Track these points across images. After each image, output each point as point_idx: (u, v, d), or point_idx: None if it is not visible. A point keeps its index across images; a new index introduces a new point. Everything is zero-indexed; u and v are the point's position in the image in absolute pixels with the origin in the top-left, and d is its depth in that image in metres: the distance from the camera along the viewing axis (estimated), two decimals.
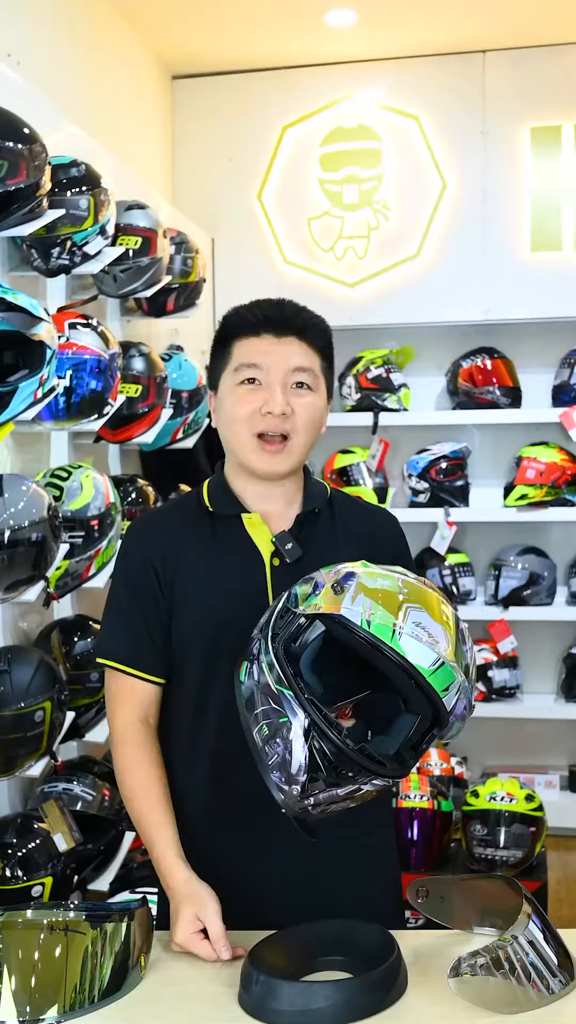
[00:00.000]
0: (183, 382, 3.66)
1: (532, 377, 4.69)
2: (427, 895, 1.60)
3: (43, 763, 2.56)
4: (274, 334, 1.70)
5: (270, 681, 1.39)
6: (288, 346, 1.70)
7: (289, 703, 1.37)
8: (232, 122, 4.85)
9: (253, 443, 1.69)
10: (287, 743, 1.37)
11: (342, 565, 1.47)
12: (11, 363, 2.39)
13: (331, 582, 1.42)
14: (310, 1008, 1.33)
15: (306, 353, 1.71)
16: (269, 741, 1.38)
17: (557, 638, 4.79)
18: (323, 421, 1.76)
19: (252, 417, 1.68)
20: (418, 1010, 1.37)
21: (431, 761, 4.07)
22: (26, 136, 2.44)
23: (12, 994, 1.36)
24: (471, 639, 1.49)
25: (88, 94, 3.83)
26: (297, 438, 1.69)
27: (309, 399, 1.70)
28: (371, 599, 1.39)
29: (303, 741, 1.36)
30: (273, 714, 1.38)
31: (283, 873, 1.68)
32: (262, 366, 1.68)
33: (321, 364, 1.74)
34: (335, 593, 1.39)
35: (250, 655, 1.46)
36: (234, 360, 1.71)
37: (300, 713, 1.37)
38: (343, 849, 1.70)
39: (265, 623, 1.47)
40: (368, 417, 4.69)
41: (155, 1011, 1.40)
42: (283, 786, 1.38)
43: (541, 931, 1.41)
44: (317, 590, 1.42)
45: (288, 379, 1.68)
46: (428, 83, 4.71)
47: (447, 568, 4.67)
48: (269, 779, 1.39)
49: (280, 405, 1.66)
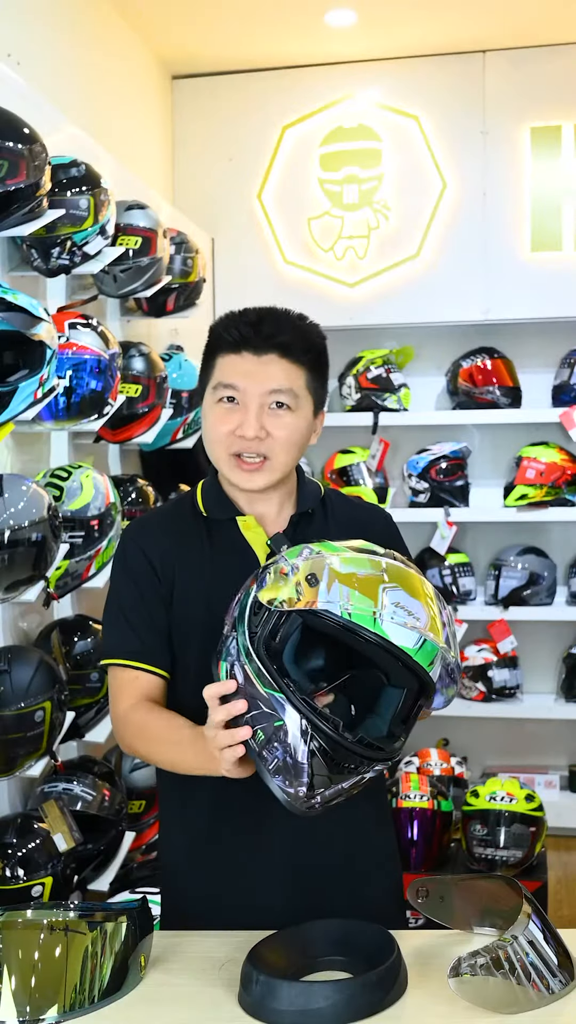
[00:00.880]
0: (183, 382, 3.66)
1: (532, 377, 4.69)
2: (427, 895, 1.60)
3: (43, 763, 2.56)
4: (254, 352, 1.67)
5: (258, 685, 1.37)
6: (267, 366, 1.67)
7: (281, 705, 1.35)
8: (232, 122, 4.85)
9: (231, 462, 1.68)
10: (285, 746, 1.35)
11: (305, 548, 1.43)
12: (11, 363, 2.39)
13: (305, 575, 1.37)
14: (310, 1008, 1.33)
15: (287, 372, 1.67)
16: (266, 746, 1.36)
17: (557, 638, 4.80)
18: (306, 437, 1.73)
19: (228, 438, 1.67)
20: (418, 1010, 1.37)
21: (431, 761, 4.07)
22: (26, 136, 2.44)
23: (12, 994, 1.36)
24: (441, 601, 1.46)
25: (88, 94, 3.83)
26: (276, 458, 1.67)
27: (287, 419, 1.67)
28: (347, 586, 1.35)
29: (303, 743, 1.35)
30: (265, 718, 1.36)
31: (286, 873, 1.68)
32: (239, 387, 1.66)
33: (306, 379, 1.70)
34: (310, 585, 1.36)
35: (227, 655, 1.42)
36: (215, 377, 1.70)
37: (295, 715, 1.35)
38: (345, 850, 1.70)
39: (238, 618, 1.43)
40: (368, 417, 4.69)
41: (155, 1011, 1.40)
42: (288, 789, 1.37)
43: (541, 931, 1.41)
44: (287, 581, 1.38)
45: (265, 400, 1.66)
46: (428, 83, 4.71)
47: (447, 568, 4.67)
48: (272, 783, 1.38)
49: (253, 429, 1.65)
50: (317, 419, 1.75)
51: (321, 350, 1.74)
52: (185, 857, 1.75)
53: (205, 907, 1.71)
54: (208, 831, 1.70)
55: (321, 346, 1.74)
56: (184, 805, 1.71)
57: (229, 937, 1.58)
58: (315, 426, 1.75)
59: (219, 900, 1.69)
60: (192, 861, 1.73)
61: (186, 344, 3.96)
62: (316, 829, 1.67)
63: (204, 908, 1.71)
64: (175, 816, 1.77)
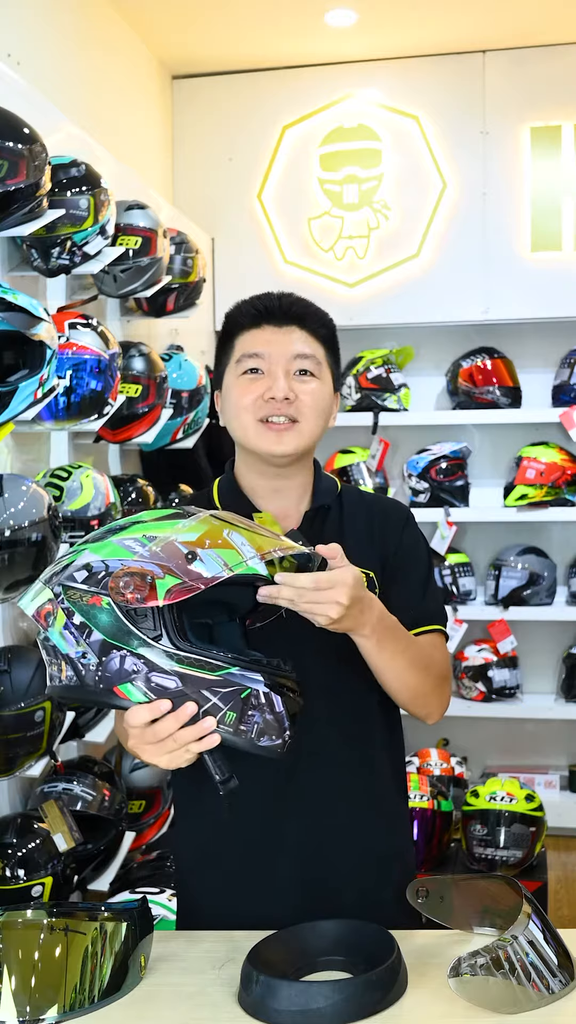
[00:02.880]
0: (183, 382, 3.66)
1: (532, 377, 4.70)
2: (427, 895, 1.60)
3: (43, 763, 2.56)
4: (275, 324, 1.70)
5: (204, 675, 1.34)
6: (289, 334, 1.70)
7: (241, 676, 1.36)
8: (232, 122, 4.86)
9: (258, 427, 1.67)
10: (262, 708, 1.36)
11: (126, 537, 1.37)
12: (11, 363, 2.39)
13: (173, 564, 1.32)
14: (310, 1008, 1.33)
15: (308, 341, 1.71)
16: (243, 719, 1.36)
17: (557, 638, 4.80)
18: (331, 410, 1.75)
19: (256, 403, 1.67)
20: (418, 1010, 1.37)
21: (431, 761, 4.07)
22: (26, 136, 2.44)
23: (12, 994, 1.36)
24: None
25: (88, 94, 3.83)
26: (305, 422, 1.68)
27: (313, 385, 1.69)
28: (213, 549, 1.33)
29: (274, 695, 1.37)
30: (229, 697, 1.35)
31: (296, 875, 1.67)
32: (264, 355, 1.68)
33: (324, 352, 1.73)
34: (189, 563, 1.32)
35: (122, 677, 1.34)
36: (236, 352, 1.71)
37: (256, 676, 1.36)
38: (363, 853, 1.70)
39: (117, 638, 1.33)
40: (368, 417, 4.69)
41: (155, 1011, 1.40)
42: (274, 743, 1.37)
43: (541, 931, 1.41)
44: (161, 578, 1.32)
45: (290, 366, 1.68)
46: (428, 83, 4.72)
47: (447, 568, 4.68)
48: (255, 749, 1.37)
49: (283, 390, 1.66)
50: (334, 399, 1.77)
51: (334, 332, 1.77)
52: (199, 857, 1.75)
53: (220, 906, 1.70)
54: (217, 836, 1.69)
55: (334, 328, 1.78)
56: (192, 807, 1.72)
57: (229, 937, 1.58)
58: (332, 407, 1.76)
59: (233, 899, 1.69)
60: (200, 863, 1.73)
61: (186, 344, 3.96)
62: (332, 829, 1.67)
63: (219, 908, 1.70)
64: (189, 814, 1.77)
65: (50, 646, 1.38)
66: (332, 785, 1.69)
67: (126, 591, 1.32)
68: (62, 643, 1.36)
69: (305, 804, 1.67)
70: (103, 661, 1.34)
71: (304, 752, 1.54)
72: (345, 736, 1.69)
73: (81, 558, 1.37)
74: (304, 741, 1.48)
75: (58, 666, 1.38)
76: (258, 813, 1.66)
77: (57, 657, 1.37)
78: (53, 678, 1.39)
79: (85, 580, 1.35)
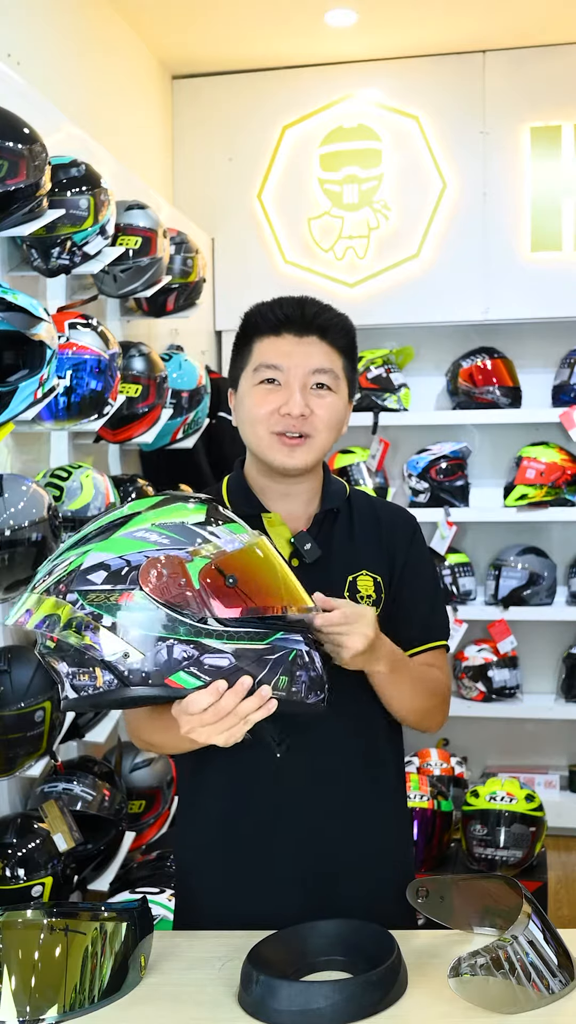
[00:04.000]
0: (183, 382, 3.66)
1: (532, 377, 4.70)
2: (427, 895, 1.60)
3: (43, 763, 2.56)
4: (295, 334, 1.69)
5: (254, 646, 1.35)
6: (309, 346, 1.69)
7: (284, 639, 1.38)
8: (232, 122, 4.86)
9: (272, 440, 1.68)
10: (307, 666, 1.39)
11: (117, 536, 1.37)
12: (11, 363, 2.39)
13: (197, 544, 1.35)
14: (310, 1008, 1.33)
15: (327, 353, 1.70)
16: (293, 682, 1.38)
17: (557, 638, 4.80)
18: (344, 421, 1.75)
19: (271, 417, 1.67)
20: (418, 1010, 1.37)
21: (431, 761, 4.07)
22: (26, 136, 2.44)
23: (12, 994, 1.36)
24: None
25: (88, 94, 3.83)
26: (318, 436, 1.68)
27: (329, 400, 1.69)
28: (219, 524, 1.39)
29: (314, 650, 1.41)
30: (279, 663, 1.37)
31: (296, 875, 1.67)
32: (282, 367, 1.67)
33: (343, 364, 1.72)
34: (212, 541, 1.36)
35: (183, 661, 1.32)
36: (254, 360, 1.70)
37: (296, 636, 1.40)
38: (362, 852, 1.70)
39: (170, 629, 1.32)
40: (368, 417, 4.69)
41: (155, 1011, 1.40)
42: (319, 698, 1.41)
43: (541, 931, 1.41)
44: (190, 561, 1.33)
45: (308, 380, 1.68)
46: (428, 83, 4.71)
47: (447, 568, 4.67)
48: (306, 708, 1.40)
49: (299, 407, 1.65)
50: (348, 407, 1.76)
51: (353, 338, 1.77)
52: (199, 856, 1.75)
53: (220, 906, 1.70)
54: (223, 838, 1.69)
55: (354, 333, 1.77)
56: (198, 806, 1.72)
57: (229, 937, 1.58)
58: (346, 416, 1.76)
59: (234, 899, 1.69)
60: (207, 859, 1.73)
61: (186, 344, 3.96)
62: (333, 828, 1.68)
63: (219, 908, 1.70)
64: (190, 809, 1.77)
65: (73, 657, 1.33)
66: (332, 785, 1.69)
67: (161, 580, 1.31)
68: (94, 649, 1.31)
69: (305, 804, 1.67)
70: (147, 656, 1.31)
71: (304, 752, 1.55)
72: (345, 736, 1.70)
73: (89, 560, 1.34)
74: (304, 741, 1.48)
75: (90, 673, 1.33)
76: (258, 813, 1.67)
77: (87, 665, 1.32)
78: (84, 688, 1.33)
79: (106, 580, 1.32)
